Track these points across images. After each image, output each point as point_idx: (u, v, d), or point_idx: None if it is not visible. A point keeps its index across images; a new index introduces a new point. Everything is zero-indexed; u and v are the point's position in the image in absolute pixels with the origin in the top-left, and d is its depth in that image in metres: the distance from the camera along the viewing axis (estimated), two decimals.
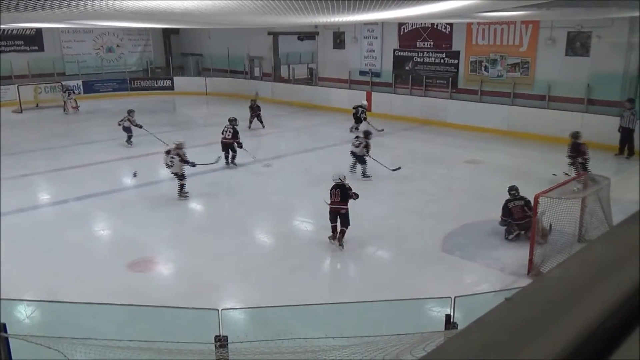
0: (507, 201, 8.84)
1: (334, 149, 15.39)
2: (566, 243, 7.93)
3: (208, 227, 9.72)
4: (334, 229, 8.55)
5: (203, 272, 7.70)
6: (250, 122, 17.72)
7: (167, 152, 10.89)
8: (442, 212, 10.04)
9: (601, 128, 14.62)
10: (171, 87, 26.29)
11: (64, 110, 21.43)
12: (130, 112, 15.76)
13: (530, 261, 7.48)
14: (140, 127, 15.60)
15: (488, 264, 7.93)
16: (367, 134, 12.53)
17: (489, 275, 7.62)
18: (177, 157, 10.74)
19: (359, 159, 12.13)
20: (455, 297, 4.81)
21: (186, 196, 10.90)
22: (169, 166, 10.82)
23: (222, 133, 13.29)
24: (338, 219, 8.49)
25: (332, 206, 8.55)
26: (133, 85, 26.09)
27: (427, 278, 7.58)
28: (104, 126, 18.84)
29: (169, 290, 7.21)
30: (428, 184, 11.96)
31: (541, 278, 1.05)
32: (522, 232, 8.43)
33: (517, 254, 7.92)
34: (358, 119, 16.95)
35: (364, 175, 12.06)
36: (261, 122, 17.88)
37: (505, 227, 8.76)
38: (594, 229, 8.10)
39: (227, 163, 13.11)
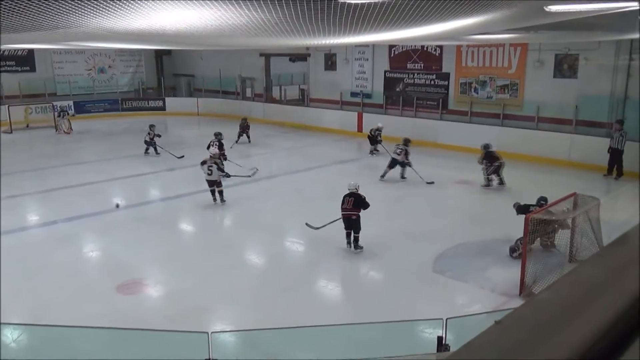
0: (531, 205, 8.86)
1: (326, 170, 15.43)
2: (557, 263, 7.96)
3: (198, 248, 9.64)
4: (348, 234, 9.07)
5: (193, 294, 7.62)
6: (239, 137, 18.82)
7: (203, 163, 11.63)
8: (433, 232, 10.04)
9: (589, 149, 14.79)
10: (163, 108, 26.33)
11: (56, 130, 21.41)
12: (151, 127, 17.00)
13: (522, 282, 7.47)
14: (153, 138, 16.77)
15: (479, 284, 7.91)
16: (406, 142, 13.75)
17: (481, 296, 7.59)
18: (215, 165, 11.52)
19: (401, 164, 13.57)
20: (447, 319, 4.79)
21: (225, 201, 11.79)
22: (208, 175, 11.53)
23: (208, 148, 13.87)
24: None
25: (343, 213, 9.05)
26: (124, 106, 26.12)
27: (418, 299, 7.55)
28: (94, 146, 18.81)
29: (158, 313, 7.11)
30: (420, 204, 11.98)
31: (531, 300, 1.05)
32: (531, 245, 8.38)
33: (509, 275, 7.91)
34: (374, 141, 17.22)
35: (402, 176, 13.70)
36: (248, 137, 19.07)
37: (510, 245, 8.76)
38: (585, 249, 8.14)
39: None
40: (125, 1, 3.92)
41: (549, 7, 6.19)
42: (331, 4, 4.38)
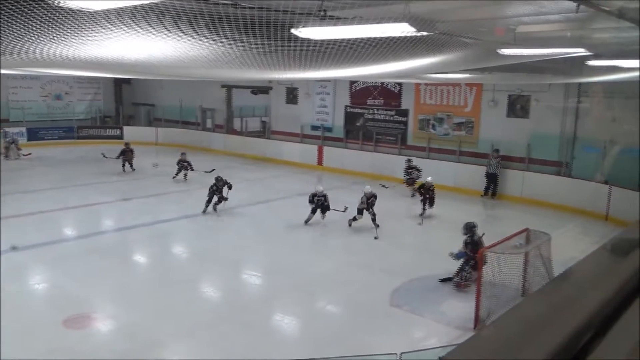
0: (473, 235, 9.09)
1: (286, 202, 15.39)
2: (510, 297, 8.09)
3: (152, 281, 9.37)
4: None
5: (146, 328, 7.36)
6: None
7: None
8: (391, 266, 10.09)
9: (541, 185, 15.34)
10: (120, 137, 25.82)
11: (5, 157, 20.75)
12: (182, 154, 17.71)
13: (477, 316, 7.56)
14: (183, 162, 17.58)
15: (435, 318, 7.96)
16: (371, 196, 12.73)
17: (437, 330, 7.64)
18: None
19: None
20: (401, 353, 4.79)
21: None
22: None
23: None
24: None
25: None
26: (80, 134, 25.54)
27: (375, 333, 7.52)
28: (46, 174, 18.23)
29: (107, 348, 6.83)
30: (378, 239, 12.04)
31: (475, 336, 1.07)
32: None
33: (464, 308, 8.00)
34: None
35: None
36: (127, 165, 18.76)
37: (456, 277, 8.91)
38: (536, 284, 8.32)
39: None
40: (81, 29, 3.90)
41: (502, 50, 6.48)
42: (291, 39, 4.46)
